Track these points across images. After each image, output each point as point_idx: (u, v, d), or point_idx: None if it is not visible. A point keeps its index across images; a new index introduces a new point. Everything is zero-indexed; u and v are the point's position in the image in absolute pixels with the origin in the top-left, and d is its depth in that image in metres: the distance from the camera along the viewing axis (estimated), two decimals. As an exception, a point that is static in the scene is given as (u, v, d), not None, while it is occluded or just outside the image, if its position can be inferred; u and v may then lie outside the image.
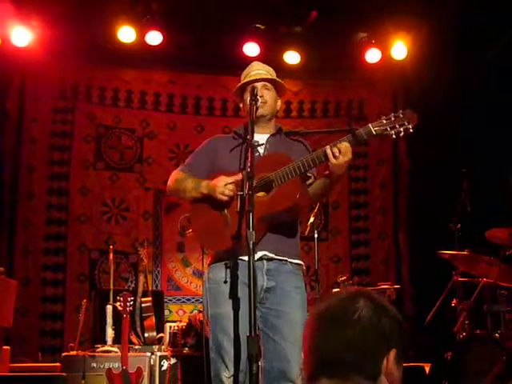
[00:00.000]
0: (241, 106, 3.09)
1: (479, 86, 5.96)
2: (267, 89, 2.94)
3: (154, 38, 6.18)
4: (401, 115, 2.63)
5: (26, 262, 6.31)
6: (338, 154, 2.62)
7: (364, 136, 2.64)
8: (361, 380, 1.34)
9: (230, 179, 2.73)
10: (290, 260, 2.82)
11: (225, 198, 2.72)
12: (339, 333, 1.37)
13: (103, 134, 6.84)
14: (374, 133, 2.63)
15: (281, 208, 2.69)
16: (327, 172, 2.74)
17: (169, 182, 3.00)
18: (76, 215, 6.59)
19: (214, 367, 2.71)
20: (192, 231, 2.88)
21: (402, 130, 2.61)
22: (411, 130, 2.61)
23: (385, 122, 2.64)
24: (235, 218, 2.61)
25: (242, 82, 3.00)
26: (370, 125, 2.65)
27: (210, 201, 2.79)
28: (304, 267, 2.92)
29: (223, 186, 2.72)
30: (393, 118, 2.63)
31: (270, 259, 2.76)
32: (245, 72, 3.07)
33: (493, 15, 5.60)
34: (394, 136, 2.64)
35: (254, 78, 2.97)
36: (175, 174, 3.00)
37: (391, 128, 2.62)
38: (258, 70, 3.02)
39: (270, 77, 2.99)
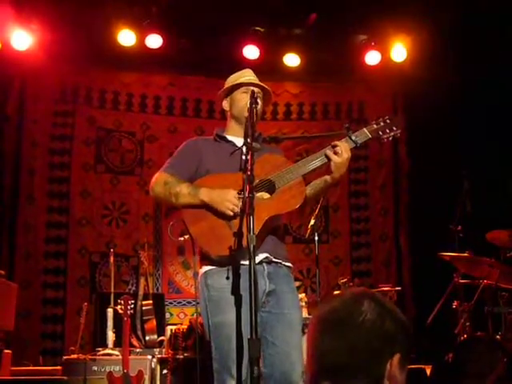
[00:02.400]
0: (225, 106, 3.03)
1: (479, 88, 5.96)
2: (259, 97, 2.90)
3: (154, 41, 6.19)
4: (388, 121, 2.79)
5: (26, 266, 6.30)
6: (340, 152, 2.68)
7: (359, 139, 2.74)
8: (364, 384, 1.32)
9: (237, 194, 2.63)
10: (283, 263, 2.81)
11: (231, 214, 2.62)
12: (343, 336, 1.34)
13: (103, 137, 6.84)
14: (370, 136, 2.77)
15: (289, 209, 2.70)
16: (329, 173, 2.77)
17: (153, 185, 2.83)
18: (77, 218, 6.59)
19: (218, 378, 2.61)
20: (192, 236, 2.73)
21: (392, 134, 2.79)
22: (399, 135, 2.80)
23: (375, 126, 2.80)
24: (238, 223, 2.58)
25: (238, 82, 2.97)
26: (364, 129, 2.78)
27: (208, 206, 2.69)
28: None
29: (234, 201, 2.62)
30: (382, 123, 2.79)
31: (268, 262, 2.74)
32: (235, 76, 3.04)
33: (493, 16, 5.61)
34: (385, 140, 2.80)
35: (250, 82, 2.95)
36: (161, 176, 2.83)
37: (383, 132, 2.79)
38: (250, 77, 3.01)
39: (263, 86, 2.98)
